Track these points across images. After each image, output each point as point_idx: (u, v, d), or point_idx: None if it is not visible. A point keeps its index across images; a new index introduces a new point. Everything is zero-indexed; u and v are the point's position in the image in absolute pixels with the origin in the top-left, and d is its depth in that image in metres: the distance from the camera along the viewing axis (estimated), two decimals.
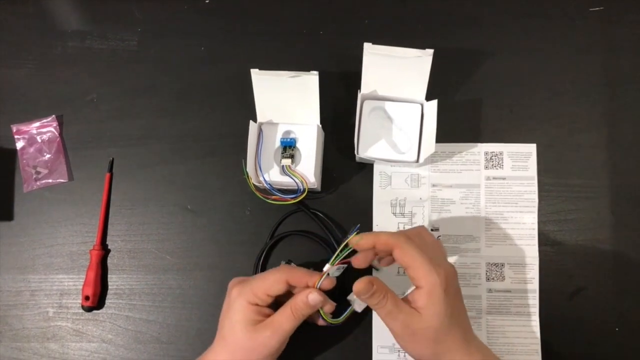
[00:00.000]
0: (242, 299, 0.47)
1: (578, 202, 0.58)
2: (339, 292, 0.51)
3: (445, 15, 0.63)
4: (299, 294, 0.48)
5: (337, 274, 0.49)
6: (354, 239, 0.47)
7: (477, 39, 0.62)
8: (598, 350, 0.55)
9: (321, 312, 0.49)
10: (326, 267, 0.48)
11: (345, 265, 0.49)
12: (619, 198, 0.58)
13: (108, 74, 0.64)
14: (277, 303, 0.49)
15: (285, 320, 0.47)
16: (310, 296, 0.47)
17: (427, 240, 0.48)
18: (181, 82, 0.63)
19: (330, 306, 0.49)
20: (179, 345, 0.57)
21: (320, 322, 0.50)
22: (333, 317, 0.50)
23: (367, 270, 0.54)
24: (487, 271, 0.57)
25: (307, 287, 0.48)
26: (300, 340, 0.49)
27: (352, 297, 0.49)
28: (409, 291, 0.47)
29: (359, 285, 0.45)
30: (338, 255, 0.48)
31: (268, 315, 0.48)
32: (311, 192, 0.58)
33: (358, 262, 0.48)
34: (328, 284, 0.48)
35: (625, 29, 0.61)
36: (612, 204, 0.58)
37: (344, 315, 0.50)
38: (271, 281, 0.48)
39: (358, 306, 0.50)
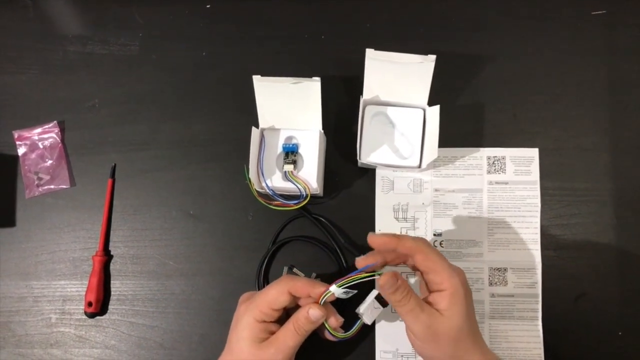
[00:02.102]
0: (248, 315, 0.47)
1: (581, 207, 0.58)
2: (347, 307, 0.51)
3: (447, 19, 0.63)
4: (300, 309, 0.48)
5: (344, 296, 0.48)
6: (376, 238, 0.47)
7: (479, 43, 0.62)
8: (601, 355, 0.55)
9: (327, 327, 0.49)
10: (332, 288, 0.47)
11: (355, 291, 0.48)
12: (623, 202, 0.58)
13: (109, 79, 0.63)
14: (288, 315, 0.49)
15: (289, 337, 0.47)
16: (310, 311, 0.47)
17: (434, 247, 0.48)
18: (183, 87, 0.63)
19: (335, 320, 0.49)
20: (182, 351, 0.57)
21: (329, 337, 0.50)
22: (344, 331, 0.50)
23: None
24: (490, 276, 0.57)
25: (309, 297, 0.48)
26: (302, 345, 0.49)
27: (361, 309, 0.49)
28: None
29: (383, 278, 0.45)
30: (348, 280, 0.47)
31: (274, 332, 0.48)
32: (313, 197, 0.58)
33: (365, 262, 0.48)
34: (329, 298, 0.48)
35: (628, 32, 0.61)
36: (615, 208, 0.57)
37: (353, 329, 0.50)
38: (274, 294, 0.47)
39: (368, 318, 0.49)
